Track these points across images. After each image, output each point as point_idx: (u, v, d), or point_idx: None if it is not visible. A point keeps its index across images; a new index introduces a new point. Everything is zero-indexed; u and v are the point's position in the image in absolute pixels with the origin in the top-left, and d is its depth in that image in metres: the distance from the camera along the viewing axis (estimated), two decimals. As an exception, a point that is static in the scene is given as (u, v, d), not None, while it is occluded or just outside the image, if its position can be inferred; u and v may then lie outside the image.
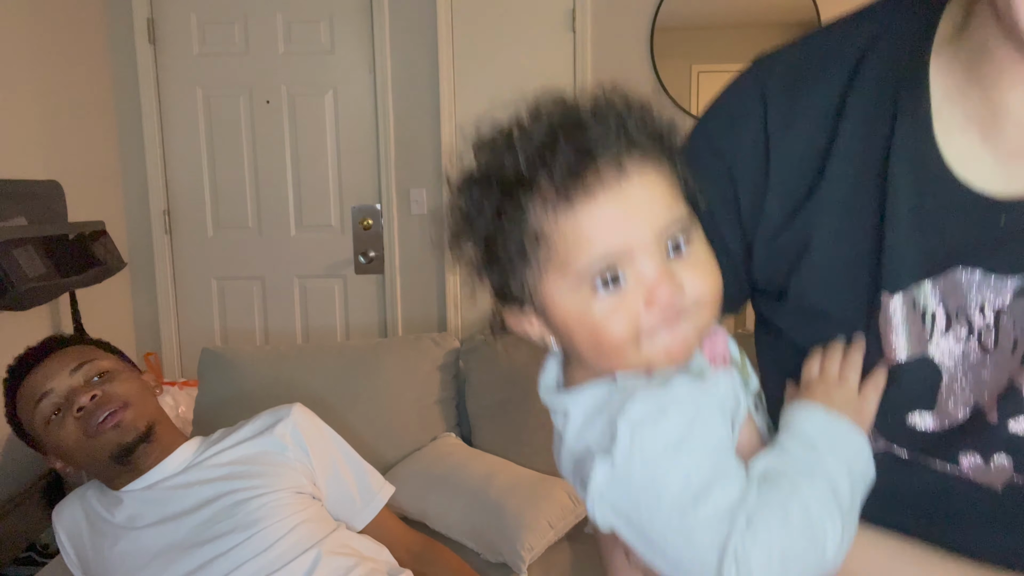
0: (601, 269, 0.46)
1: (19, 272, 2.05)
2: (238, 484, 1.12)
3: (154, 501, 1.14)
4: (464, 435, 1.92)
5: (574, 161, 0.46)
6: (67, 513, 1.21)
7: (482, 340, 1.92)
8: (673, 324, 0.46)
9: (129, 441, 1.12)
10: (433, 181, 2.96)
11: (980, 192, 0.45)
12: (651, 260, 0.46)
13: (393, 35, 2.89)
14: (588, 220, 0.46)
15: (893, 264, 0.47)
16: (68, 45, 2.61)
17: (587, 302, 0.47)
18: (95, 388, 1.12)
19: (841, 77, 0.51)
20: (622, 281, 0.46)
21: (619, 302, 0.46)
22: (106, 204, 2.83)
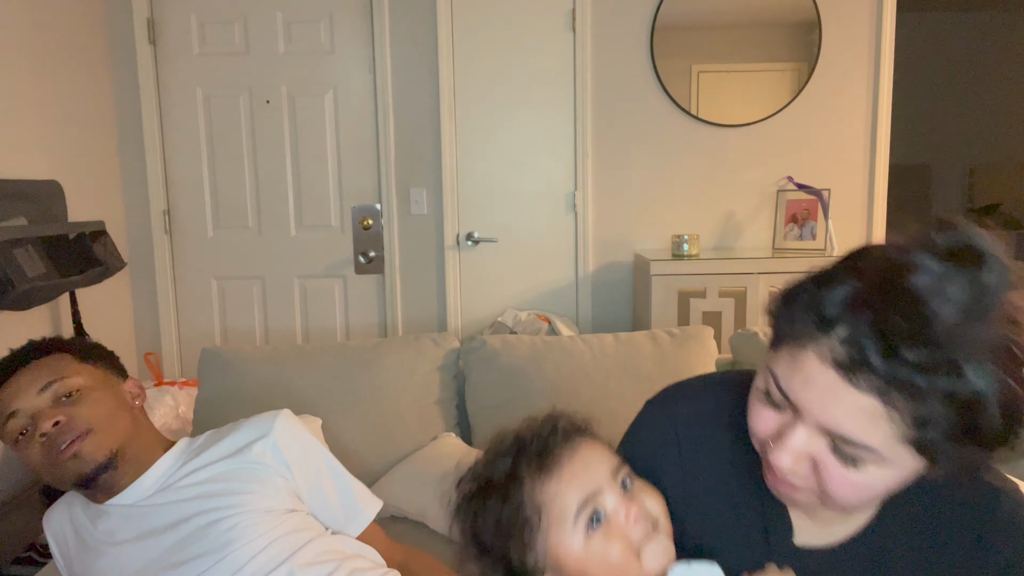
0: (588, 510, 0.66)
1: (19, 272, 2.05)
2: (211, 504, 1.09)
3: (133, 517, 1.11)
4: (464, 435, 1.92)
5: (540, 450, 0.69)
6: (55, 520, 1.19)
7: (482, 340, 1.92)
8: (652, 536, 0.66)
9: (87, 472, 1.08)
10: (433, 181, 2.97)
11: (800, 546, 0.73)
12: (614, 493, 0.68)
13: (393, 35, 2.89)
14: (565, 479, 0.67)
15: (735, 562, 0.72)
16: (68, 45, 2.61)
17: (587, 541, 0.66)
18: (61, 411, 1.07)
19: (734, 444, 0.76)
20: (603, 516, 0.66)
21: (608, 530, 0.66)
22: (106, 204, 2.83)
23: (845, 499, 0.62)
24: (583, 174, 2.94)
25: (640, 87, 2.91)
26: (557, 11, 2.88)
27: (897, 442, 0.57)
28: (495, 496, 0.68)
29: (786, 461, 0.62)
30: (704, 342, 1.90)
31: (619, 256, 3.00)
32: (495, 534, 0.68)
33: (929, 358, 0.53)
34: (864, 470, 0.60)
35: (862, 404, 0.56)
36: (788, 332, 0.62)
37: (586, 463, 0.68)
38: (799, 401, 0.61)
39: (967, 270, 0.54)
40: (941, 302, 0.53)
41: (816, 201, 2.79)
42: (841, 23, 2.86)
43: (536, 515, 0.66)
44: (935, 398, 0.54)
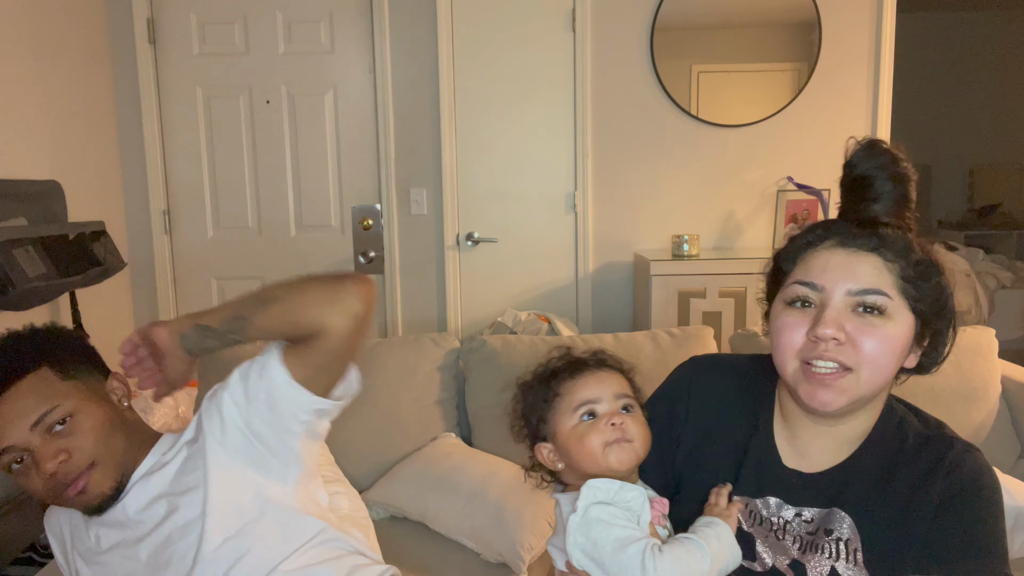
0: (585, 408, 0.90)
1: (19, 272, 2.05)
2: (177, 508, 1.06)
3: (116, 524, 1.09)
4: (464, 435, 1.92)
5: (577, 363, 0.95)
6: (54, 520, 1.18)
7: (482, 340, 1.92)
8: (623, 443, 0.87)
9: (95, 505, 1.06)
10: (433, 181, 2.97)
11: (788, 466, 0.92)
12: (610, 405, 0.90)
13: (393, 35, 2.89)
14: (580, 383, 0.92)
15: (741, 486, 0.93)
16: (68, 45, 2.61)
17: (576, 426, 0.90)
18: (60, 445, 1.01)
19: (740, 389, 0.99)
20: (596, 415, 0.90)
21: (593, 426, 0.89)
22: (106, 204, 2.83)
23: (876, 356, 0.80)
24: (583, 174, 2.94)
25: (640, 87, 2.91)
26: (557, 11, 2.88)
27: (897, 291, 0.82)
28: (539, 383, 0.95)
29: (830, 327, 0.80)
30: (704, 342, 1.90)
31: (619, 256, 3.00)
32: (530, 406, 0.94)
33: (888, 216, 0.84)
34: (883, 326, 0.80)
35: (870, 260, 0.82)
36: (795, 253, 0.88)
37: (601, 380, 0.91)
38: (824, 280, 0.82)
39: (887, 154, 0.85)
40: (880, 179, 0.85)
41: (816, 201, 2.79)
42: (841, 23, 2.86)
43: (555, 398, 0.92)
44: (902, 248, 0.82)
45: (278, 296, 1.00)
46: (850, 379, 0.81)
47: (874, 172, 0.85)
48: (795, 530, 0.88)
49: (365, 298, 1.01)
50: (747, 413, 0.96)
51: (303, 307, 0.99)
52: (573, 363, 0.95)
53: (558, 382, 0.93)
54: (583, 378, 0.92)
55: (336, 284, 1.00)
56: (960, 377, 1.74)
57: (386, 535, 1.58)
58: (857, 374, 0.81)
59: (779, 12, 2.86)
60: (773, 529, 0.89)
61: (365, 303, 1.00)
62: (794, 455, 0.92)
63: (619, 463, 0.87)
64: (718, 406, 0.98)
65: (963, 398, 1.72)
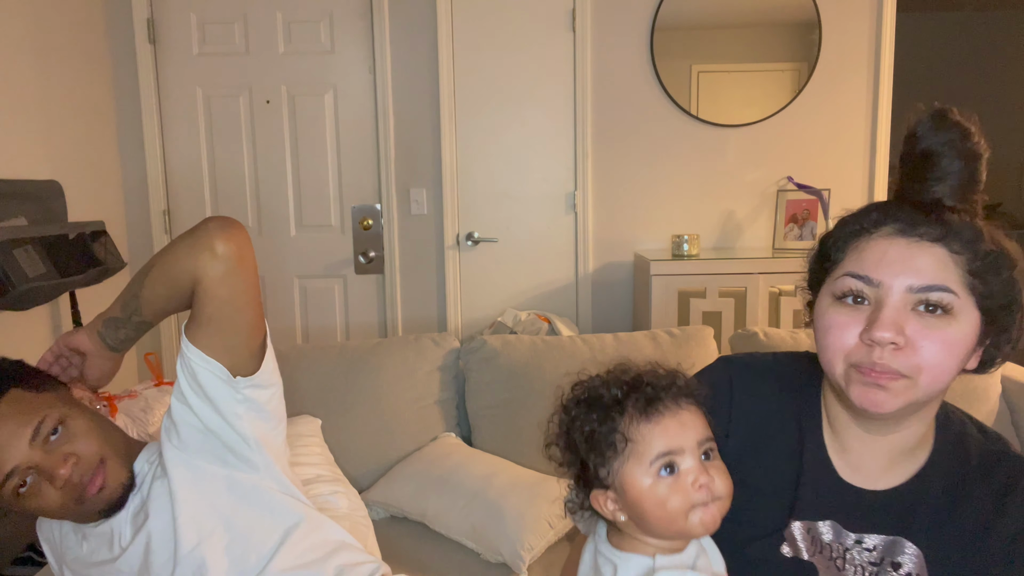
0: (664, 460, 0.75)
1: (19, 272, 2.05)
2: (148, 519, 1.06)
3: (105, 536, 1.09)
4: (464, 435, 1.92)
5: (651, 395, 0.78)
6: (46, 526, 1.17)
7: (482, 340, 1.92)
8: (709, 504, 0.75)
9: (118, 497, 1.05)
10: (433, 181, 2.97)
11: (847, 482, 0.83)
12: (693, 458, 0.76)
13: (393, 35, 2.89)
14: (658, 429, 0.76)
15: (803, 509, 0.83)
16: (68, 45, 2.61)
17: (654, 483, 0.75)
18: (65, 450, 0.99)
19: (782, 394, 0.89)
20: (676, 470, 0.76)
21: (675, 483, 0.75)
22: (106, 204, 2.83)
23: (936, 362, 0.71)
24: (583, 174, 2.94)
25: (640, 87, 2.91)
26: (557, 11, 2.88)
27: (963, 286, 0.72)
28: (598, 413, 0.79)
29: (888, 331, 0.71)
30: (704, 342, 1.90)
31: (619, 256, 3.00)
32: (585, 441, 0.79)
33: (949, 199, 0.74)
34: (947, 326, 0.71)
35: (934, 252, 0.72)
36: (847, 239, 0.77)
37: (682, 424, 0.77)
38: (880, 274, 0.73)
39: (955, 129, 0.74)
40: (948, 156, 0.74)
41: (816, 201, 2.79)
42: (841, 23, 2.86)
43: (623, 444, 0.77)
44: (970, 237, 0.72)
45: (153, 262, 1.02)
46: (907, 383, 0.72)
47: (941, 148, 0.74)
48: (856, 560, 0.79)
49: (227, 236, 0.99)
50: (793, 422, 0.86)
51: (174, 262, 0.99)
52: (646, 397, 0.78)
53: (629, 423, 0.77)
54: (662, 421, 0.77)
55: (197, 231, 1.00)
56: (960, 377, 1.74)
57: (386, 535, 1.58)
58: (915, 380, 0.72)
59: (779, 12, 2.86)
60: (834, 557, 0.80)
61: (228, 240, 0.99)
62: (848, 469, 0.83)
63: (704, 527, 0.75)
64: (762, 415, 0.88)
65: (963, 398, 1.72)
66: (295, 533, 1.09)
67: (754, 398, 0.89)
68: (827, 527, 0.81)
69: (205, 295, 0.99)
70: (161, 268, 1.00)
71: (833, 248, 0.79)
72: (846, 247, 0.78)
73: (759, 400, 0.89)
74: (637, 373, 0.81)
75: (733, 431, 0.88)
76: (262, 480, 1.09)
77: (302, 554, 1.09)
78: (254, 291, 1.03)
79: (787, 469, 0.84)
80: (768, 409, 0.88)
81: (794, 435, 0.85)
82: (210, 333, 1.01)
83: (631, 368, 0.83)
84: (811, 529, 0.81)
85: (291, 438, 1.59)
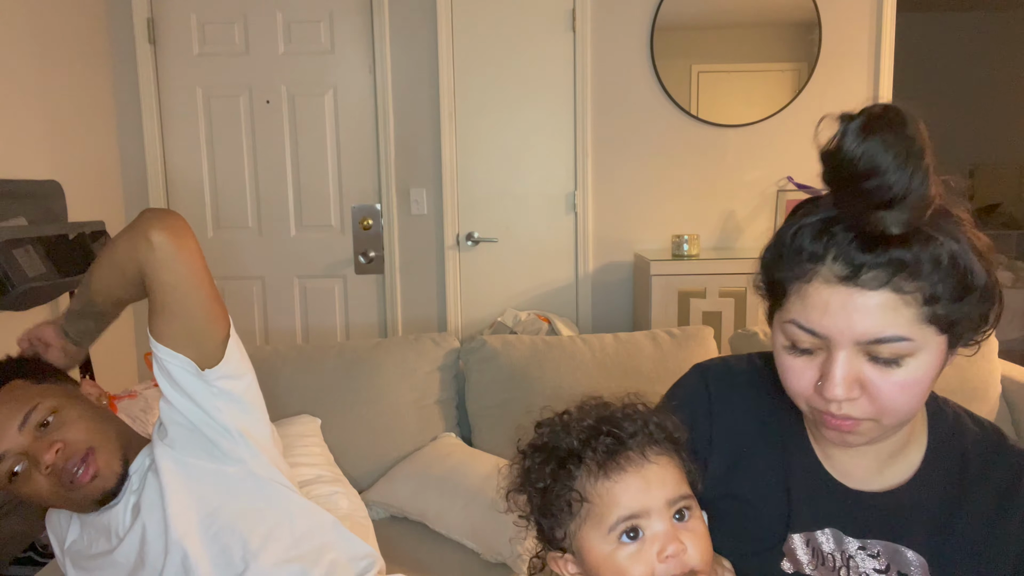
0: (626, 525, 0.65)
1: (19, 272, 2.05)
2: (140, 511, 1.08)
3: (102, 527, 1.11)
4: (464, 435, 1.92)
5: (612, 447, 0.67)
6: (54, 517, 1.19)
7: (482, 340, 1.92)
8: None
9: (111, 487, 1.07)
10: (433, 181, 2.97)
11: (843, 483, 0.77)
12: (662, 521, 0.66)
13: (393, 35, 2.89)
14: (619, 488, 0.66)
15: (798, 519, 0.77)
16: (68, 45, 2.61)
17: (614, 550, 0.65)
18: (52, 437, 1.03)
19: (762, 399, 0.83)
20: (640, 535, 0.65)
21: (638, 552, 0.65)
22: (106, 204, 2.83)
23: (900, 404, 0.66)
24: (583, 174, 2.94)
25: (640, 87, 2.91)
26: (557, 11, 2.88)
27: (920, 323, 0.63)
28: (552, 464, 0.69)
29: (840, 390, 0.65)
30: (704, 342, 1.90)
31: (619, 256, 3.00)
32: (539, 498, 0.69)
33: (898, 226, 0.60)
34: (905, 366, 0.64)
35: (879, 301, 0.63)
36: (789, 277, 0.67)
37: (648, 481, 0.66)
38: (825, 329, 0.65)
39: (888, 124, 0.59)
40: (876, 150, 0.58)
41: (816, 201, 2.79)
42: (841, 23, 2.86)
43: (579, 504, 0.67)
44: (927, 267, 0.62)
45: (100, 255, 1.08)
46: (872, 424, 0.68)
47: (878, 162, 0.58)
48: (861, 568, 0.74)
49: (162, 224, 1.03)
50: (776, 427, 0.81)
51: (115, 252, 1.04)
52: (605, 447, 0.67)
53: (585, 480, 0.67)
54: (623, 479, 0.66)
55: (135, 221, 1.05)
56: (960, 377, 1.74)
57: (386, 535, 1.58)
58: (879, 421, 0.67)
59: (779, 12, 2.86)
60: (837, 567, 0.75)
61: (163, 229, 1.03)
62: (840, 472, 0.78)
63: None
64: (744, 425, 0.83)
65: (963, 398, 1.72)
66: (285, 525, 1.11)
67: (734, 407, 0.83)
68: (826, 536, 0.76)
69: (152, 283, 1.03)
70: (107, 259, 1.06)
71: (775, 277, 0.70)
72: (787, 284, 0.68)
73: (739, 409, 0.83)
74: (598, 414, 0.70)
75: (716, 445, 0.82)
76: (249, 472, 1.12)
77: (293, 546, 1.10)
78: (199, 276, 1.06)
79: (777, 478, 0.79)
80: (749, 417, 0.83)
81: (779, 442, 0.80)
82: (167, 321, 1.05)
83: (595, 409, 0.72)
84: (810, 540, 0.76)
85: (291, 438, 1.59)
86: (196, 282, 1.06)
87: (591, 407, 0.72)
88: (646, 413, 0.71)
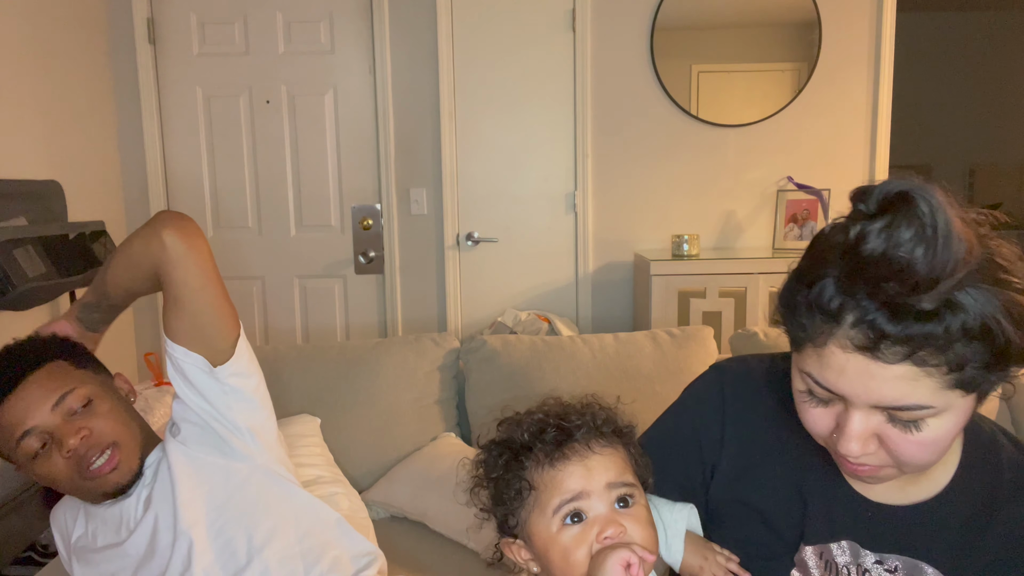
0: (568, 508, 0.69)
1: (19, 272, 2.05)
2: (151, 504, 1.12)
3: (111, 520, 1.13)
4: (464, 435, 1.92)
5: (558, 438, 0.72)
6: (60, 513, 1.21)
7: (482, 340, 1.92)
8: (610, 557, 0.65)
9: (125, 483, 1.10)
10: (433, 181, 2.97)
11: (861, 495, 0.76)
12: (603, 504, 0.69)
13: (393, 35, 2.89)
14: (562, 475, 0.70)
15: (813, 531, 0.76)
16: (68, 45, 2.61)
17: (558, 532, 0.69)
18: (81, 423, 1.05)
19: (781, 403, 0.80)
20: (583, 519, 0.69)
21: (580, 533, 0.69)
22: (106, 204, 2.83)
23: (920, 460, 0.65)
24: (583, 174, 2.94)
25: (640, 87, 2.91)
26: (557, 11, 2.88)
27: (943, 390, 0.60)
28: (506, 456, 0.74)
29: (855, 448, 0.64)
30: (704, 342, 1.90)
31: (619, 256, 3.00)
32: (493, 487, 0.75)
33: (929, 303, 0.57)
34: (925, 427, 0.62)
35: (898, 373, 0.60)
36: (803, 336, 0.65)
37: (589, 468, 0.70)
38: (841, 391, 0.63)
39: (904, 211, 0.57)
40: (903, 249, 0.56)
41: (816, 201, 2.79)
42: (841, 23, 2.86)
43: (527, 491, 0.71)
44: (955, 339, 0.57)
45: (115, 252, 1.13)
46: (892, 471, 0.67)
47: (904, 262, 0.56)
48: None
49: (175, 224, 1.08)
50: (793, 433, 0.78)
51: (131, 248, 1.10)
52: (552, 438, 0.72)
53: (533, 469, 0.72)
54: (567, 466, 0.70)
55: (150, 221, 1.11)
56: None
57: (386, 535, 1.58)
58: (899, 468, 0.67)
59: (779, 12, 2.86)
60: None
61: (175, 228, 1.08)
62: (861, 483, 0.76)
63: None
64: (759, 429, 0.82)
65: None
66: (289, 521, 1.13)
67: (749, 411, 0.82)
68: (842, 548, 0.74)
69: (165, 279, 1.09)
70: (123, 255, 1.11)
71: (792, 324, 0.66)
72: (803, 340, 0.65)
73: (755, 413, 0.82)
74: (547, 410, 0.75)
75: (727, 448, 0.82)
76: (257, 468, 1.15)
77: (296, 542, 1.12)
78: (209, 275, 1.11)
79: (791, 487, 0.78)
80: (765, 422, 0.81)
81: (795, 450, 0.79)
82: (180, 317, 1.10)
83: (548, 404, 0.77)
84: (824, 552, 0.75)
85: (291, 438, 1.59)
86: (205, 280, 1.10)
87: (547, 406, 0.77)
88: (596, 409, 0.76)
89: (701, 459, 0.84)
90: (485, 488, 0.77)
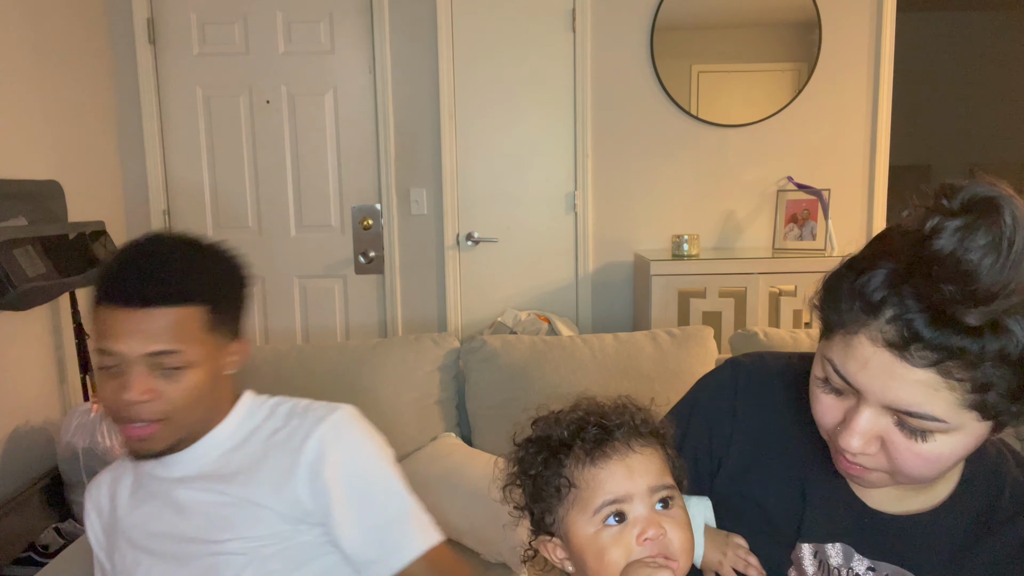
0: (610, 508, 0.68)
1: (19, 272, 2.05)
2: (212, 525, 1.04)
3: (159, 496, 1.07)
4: (464, 435, 1.92)
5: (599, 436, 0.70)
6: (95, 492, 1.15)
7: (482, 340, 1.92)
8: (659, 570, 0.65)
9: (151, 455, 1.03)
10: (433, 181, 2.97)
11: (862, 501, 0.75)
12: (644, 506, 0.68)
13: (393, 35, 2.89)
14: (604, 474, 0.69)
15: (810, 530, 0.76)
16: (68, 45, 2.61)
17: (598, 532, 0.68)
18: (154, 384, 0.97)
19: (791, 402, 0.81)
20: (624, 519, 0.68)
21: (619, 534, 0.68)
22: (106, 204, 2.83)
23: (917, 472, 0.64)
24: (583, 174, 2.94)
25: (640, 87, 2.91)
26: (557, 11, 2.88)
27: (961, 408, 0.59)
28: (544, 454, 0.73)
29: (856, 443, 0.64)
30: (704, 342, 1.90)
31: (619, 256, 3.00)
32: (531, 484, 0.73)
33: (975, 319, 0.55)
34: (932, 441, 0.61)
35: (920, 378, 0.58)
36: (836, 321, 0.64)
37: (631, 468, 0.70)
38: (859, 384, 0.62)
39: (986, 217, 0.55)
40: (973, 254, 0.54)
41: (816, 201, 2.79)
42: (841, 23, 2.86)
43: (567, 489, 0.70)
44: (989, 360, 0.56)
45: None
46: (883, 477, 0.67)
47: (970, 270, 0.55)
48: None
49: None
50: (801, 432, 0.79)
51: None
52: (592, 436, 0.71)
53: (573, 467, 0.71)
54: (608, 465, 0.70)
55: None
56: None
57: (386, 535, 1.58)
58: (891, 476, 0.66)
59: (779, 12, 2.86)
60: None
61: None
62: (861, 488, 0.76)
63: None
64: (767, 425, 0.82)
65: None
66: None
67: (760, 407, 0.83)
68: (836, 550, 0.74)
69: None
70: None
71: (829, 308, 0.66)
72: (836, 323, 0.65)
73: (765, 410, 0.82)
74: (587, 409, 0.75)
75: (735, 443, 0.83)
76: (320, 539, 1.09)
77: None
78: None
79: (794, 484, 0.78)
80: (775, 419, 0.82)
81: (802, 448, 0.79)
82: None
83: (585, 402, 0.76)
84: (819, 552, 0.75)
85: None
86: None
87: (584, 404, 0.76)
88: (633, 409, 0.75)
89: (710, 452, 0.84)
90: (519, 486, 0.76)
